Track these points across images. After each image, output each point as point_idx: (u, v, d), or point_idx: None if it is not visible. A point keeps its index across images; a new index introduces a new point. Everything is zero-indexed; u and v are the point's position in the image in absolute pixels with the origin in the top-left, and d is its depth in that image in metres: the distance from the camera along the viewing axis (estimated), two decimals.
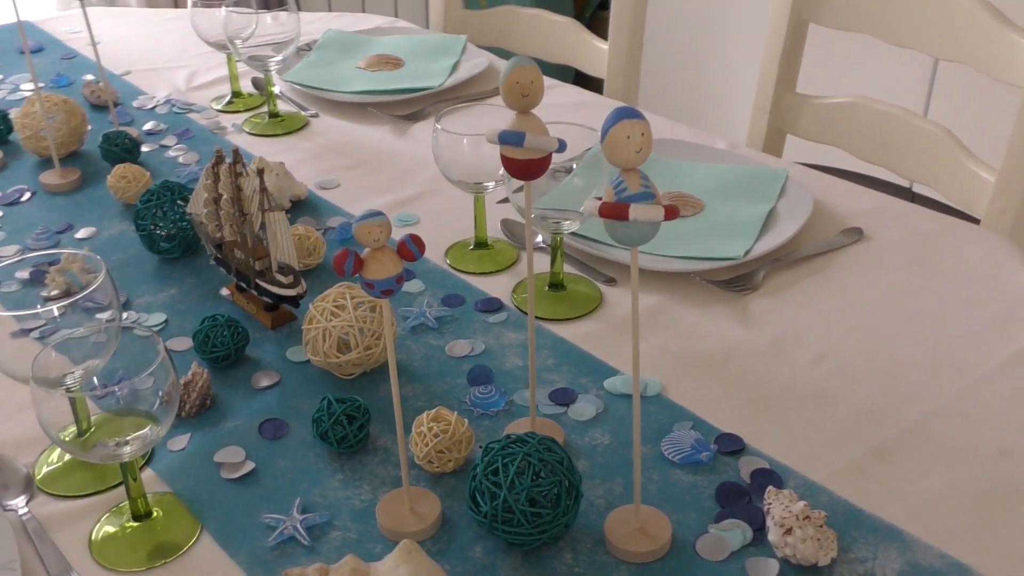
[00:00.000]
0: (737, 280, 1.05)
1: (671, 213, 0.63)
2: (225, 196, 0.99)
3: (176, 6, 3.06)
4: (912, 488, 0.81)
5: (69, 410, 0.82)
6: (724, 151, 1.29)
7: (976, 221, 1.27)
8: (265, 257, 0.99)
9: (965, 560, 0.74)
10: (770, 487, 0.78)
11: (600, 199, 0.64)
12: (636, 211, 0.62)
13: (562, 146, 0.72)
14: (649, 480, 0.82)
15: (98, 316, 0.91)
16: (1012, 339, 0.96)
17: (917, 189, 2.47)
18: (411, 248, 0.68)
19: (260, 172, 0.95)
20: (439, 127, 1.03)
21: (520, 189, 0.97)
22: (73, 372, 0.80)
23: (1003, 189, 1.25)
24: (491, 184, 1.06)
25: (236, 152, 0.98)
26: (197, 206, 1.05)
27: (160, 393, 0.74)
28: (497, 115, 1.06)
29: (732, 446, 0.85)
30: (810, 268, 1.08)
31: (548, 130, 0.73)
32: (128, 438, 0.75)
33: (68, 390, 0.81)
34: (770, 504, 0.77)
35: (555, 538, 0.76)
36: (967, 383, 0.91)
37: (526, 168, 0.73)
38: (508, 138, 0.71)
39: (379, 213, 0.67)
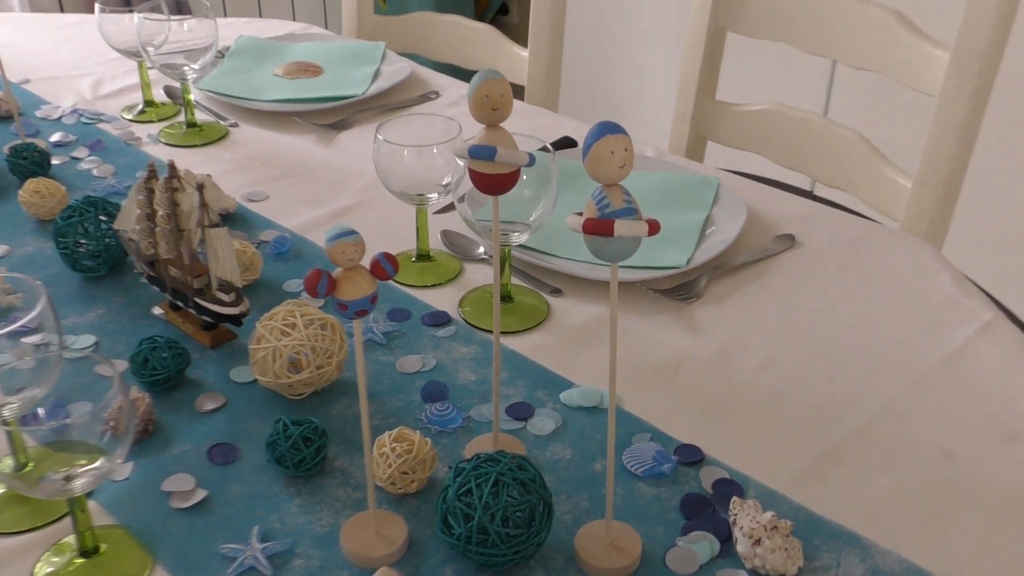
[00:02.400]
0: (680, 288, 1.06)
1: (654, 228, 0.63)
2: (161, 212, 0.95)
3: (62, 10, 2.93)
4: (865, 491, 0.83)
5: (3, 442, 0.77)
6: (653, 158, 1.31)
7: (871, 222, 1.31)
8: (204, 275, 0.95)
9: (920, 562, 0.76)
10: (735, 497, 0.79)
11: (581, 214, 0.64)
12: (621, 227, 0.62)
13: (532, 160, 0.71)
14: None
15: (24, 341, 0.86)
16: (942, 342, 0.99)
17: (819, 192, 2.54)
18: (385, 266, 0.66)
19: (200, 187, 0.92)
20: (380, 138, 1.01)
21: (463, 199, 0.96)
22: (10, 403, 0.76)
23: (920, 194, 1.29)
24: (434, 195, 1.04)
25: (172, 166, 0.94)
26: (127, 222, 1.00)
27: (109, 422, 0.70)
28: (435, 125, 1.05)
29: (692, 456, 0.85)
30: (748, 275, 1.10)
31: (516, 143, 0.72)
32: (79, 471, 0.70)
33: (5, 423, 0.76)
34: (736, 514, 0.77)
35: (527, 556, 0.75)
36: (904, 385, 0.94)
37: (496, 183, 0.72)
38: (479, 152, 0.70)
39: (352, 232, 0.65)
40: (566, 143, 1.35)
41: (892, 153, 1.38)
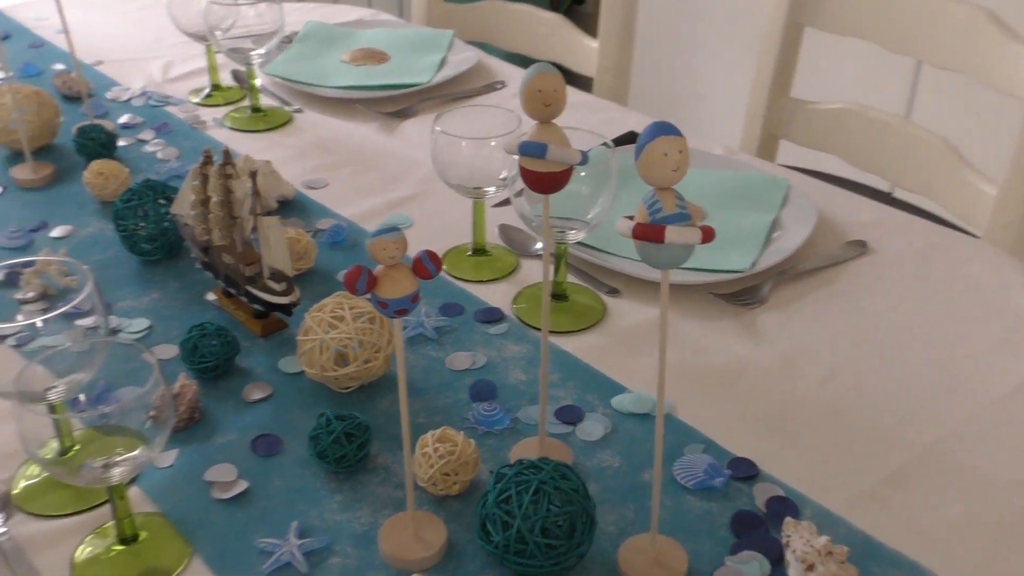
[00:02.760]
0: (743, 293, 1.03)
1: (708, 236, 0.60)
2: (214, 199, 0.94)
3: None
4: (930, 519, 0.78)
5: (49, 426, 0.77)
6: (722, 156, 1.27)
7: (967, 232, 1.25)
8: (256, 263, 0.94)
9: None
10: (788, 518, 0.75)
11: (632, 218, 0.61)
12: (672, 234, 0.59)
13: (585, 159, 0.68)
14: (662, 506, 0.79)
15: (78, 323, 0.86)
16: (1020, 364, 0.94)
17: (899, 195, 2.46)
18: (427, 265, 0.64)
19: (253, 175, 0.91)
20: (438, 129, 0.99)
21: (520, 193, 0.93)
22: (56, 386, 0.76)
23: (1005, 204, 1.23)
24: (492, 188, 1.02)
25: (227, 153, 0.93)
26: (183, 207, 1.00)
27: (150, 410, 0.70)
28: (495, 117, 1.03)
29: (746, 471, 0.82)
30: (816, 281, 1.06)
31: (568, 141, 0.69)
32: (117, 459, 0.70)
33: (51, 407, 0.76)
34: (789, 536, 0.74)
35: (567, 568, 0.73)
36: (978, 407, 0.89)
37: (546, 181, 0.69)
38: (529, 149, 0.67)
39: (395, 229, 0.63)
40: (631, 138, 1.32)
41: (977, 159, 1.32)
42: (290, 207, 1.18)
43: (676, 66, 2.86)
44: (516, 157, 0.70)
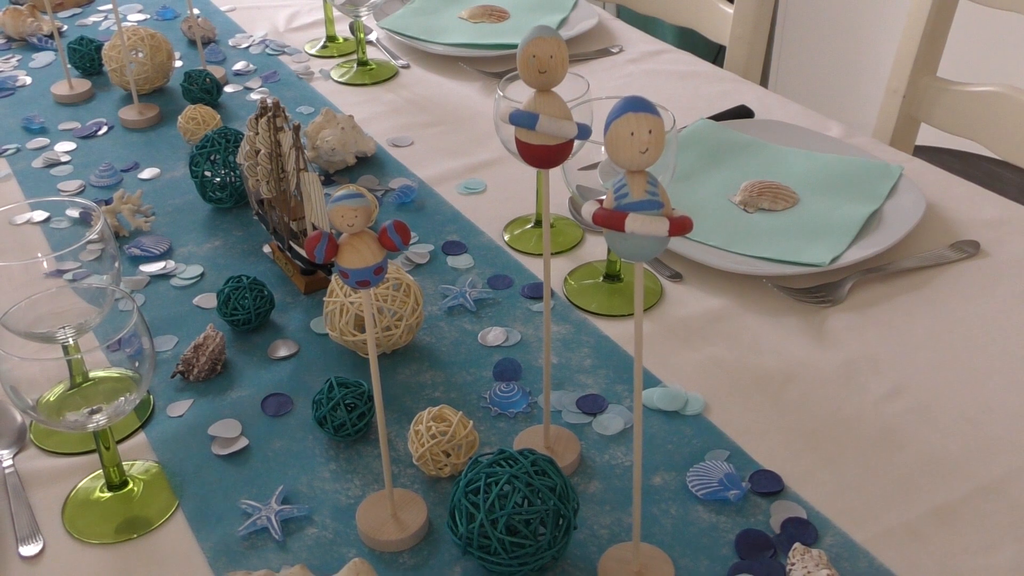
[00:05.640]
0: (818, 290, 0.93)
1: (678, 228, 0.53)
2: (263, 151, 0.93)
3: None
4: (971, 562, 0.69)
5: (56, 369, 0.78)
6: (835, 139, 1.16)
7: None
8: (302, 219, 0.93)
9: None
10: (797, 543, 0.68)
11: (601, 202, 0.55)
12: (633, 222, 0.52)
13: (583, 132, 0.62)
14: (665, 514, 0.72)
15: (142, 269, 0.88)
16: None
17: None
18: (393, 237, 0.60)
19: (296, 128, 0.89)
20: (500, 93, 0.94)
21: (596, 166, 0.88)
22: (65, 328, 0.77)
23: None
24: None
25: (276, 104, 0.92)
26: (243, 157, 1.00)
27: (136, 363, 0.70)
28: (572, 84, 0.97)
29: (768, 486, 0.74)
30: (908, 283, 0.95)
31: (570, 112, 0.63)
32: (101, 406, 0.70)
33: (65, 348, 0.77)
34: (793, 565, 0.66)
35: (542, 569, 0.68)
36: None
37: (540, 154, 0.64)
38: (520, 119, 0.62)
39: (358, 195, 0.59)
40: (741, 113, 1.23)
41: None
42: (368, 164, 1.17)
43: (821, 39, 2.66)
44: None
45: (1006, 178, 1.75)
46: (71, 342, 0.77)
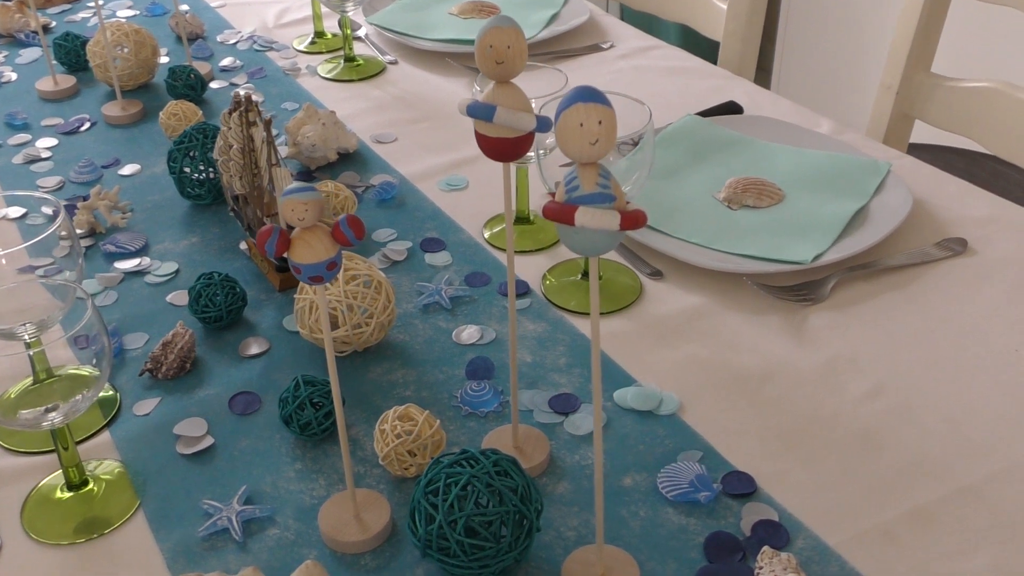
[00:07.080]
0: (800, 288, 0.91)
1: (630, 222, 0.51)
2: (235, 146, 0.92)
3: None
4: (945, 566, 0.67)
5: (18, 365, 0.77)
6: (824, 136, 1.14)
7: None
8: (275, 214, 0.92)
9: None
10: (766, 547, 0.66)
11: (552, 195, 0.53)
12: (583, 216, 0.51)
13: (543, 124, 0.61)
14: (633, 516, 0.71)
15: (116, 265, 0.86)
16: None
17: None
18: (345, 232, 0.59)
19: (268, 123, 0.88)
20: (477, 88, 0.93)
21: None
22: (25, 325, 0.75)
23: None
24: (531, 155, 0.95)
25: (248, 99, 0.91)
26: (218, 152, 0.99)
27: (93, 360, 0.68)
28: (541, 77, 0.95)
29: (740, 488, 0.72)
30: (892, 281, 0.93)
31: (530, 105, 0.62)
32: (58, 404, 0.69)
33: (27, 344, 0.76)
34: (760, 568, 0.65)
35: (503, 572, 0.67)
36: None
37: (498, 147, 0.62)
38: (477, 111, 0.61)
39: (310, 188, 0.58)
40: (730, 108, 1.21)
41: None
42: (351, 160, 1.15)
43: (821, 36, 2.63)
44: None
45: (1011, 176, 1.73)
46: (27, 339, 0.76)
